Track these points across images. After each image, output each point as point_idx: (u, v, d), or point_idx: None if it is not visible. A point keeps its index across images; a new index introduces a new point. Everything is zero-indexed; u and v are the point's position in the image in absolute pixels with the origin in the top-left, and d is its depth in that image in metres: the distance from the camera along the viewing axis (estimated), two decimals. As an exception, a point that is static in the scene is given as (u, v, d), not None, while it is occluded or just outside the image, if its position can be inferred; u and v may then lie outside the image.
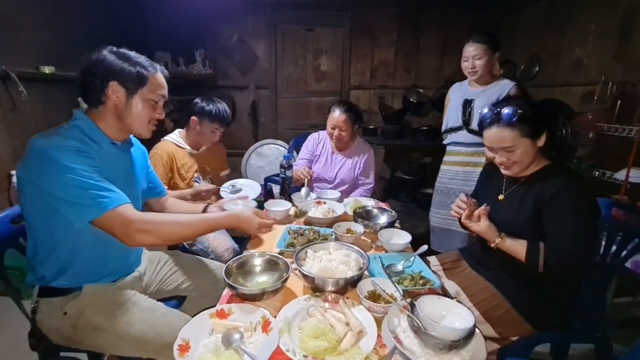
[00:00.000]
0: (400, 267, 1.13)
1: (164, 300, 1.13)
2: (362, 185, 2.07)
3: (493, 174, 1.29)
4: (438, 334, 0.74)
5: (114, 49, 0.98)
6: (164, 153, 1.65)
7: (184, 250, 1.57)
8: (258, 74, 3.70)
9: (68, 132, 0.91)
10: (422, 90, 3.54)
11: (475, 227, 1.11)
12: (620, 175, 1.91)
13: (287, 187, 1.82)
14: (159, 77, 1.02)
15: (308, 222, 1.51)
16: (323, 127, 2.02)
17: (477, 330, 0.78)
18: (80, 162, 0.86)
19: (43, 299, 0.98)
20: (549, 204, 1.03)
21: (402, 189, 3.41)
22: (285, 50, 3.70)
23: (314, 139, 2.12)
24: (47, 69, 2.05)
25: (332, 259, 1.06)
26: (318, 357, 0.74)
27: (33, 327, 0.99)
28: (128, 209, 0.90)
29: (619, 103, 2.04)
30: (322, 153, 2.10)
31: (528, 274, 1.08)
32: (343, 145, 2.04)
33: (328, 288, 0.95)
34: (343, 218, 1.49)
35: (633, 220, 1.29)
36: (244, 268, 1.06)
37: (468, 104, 1.83)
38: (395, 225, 1.45)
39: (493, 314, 1.10)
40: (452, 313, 0.82)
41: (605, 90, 2.18)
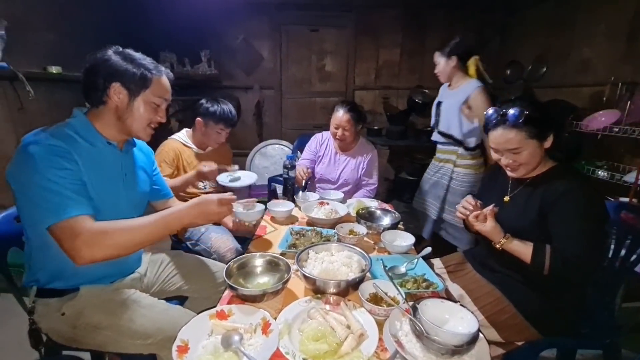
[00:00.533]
0: (403, 269, 1.12)
1: (166, 300, 1.13)
2: (365, 186, 2.05)
3: (497, 176, 1.27)
4: (441, 339, 0.72)
5: (120, 50, 0.96)
6: (171, 150, 1.66)
7: (187, 251, 1.57)
8: (263, 75, 3.72)
9: (58, 130, 0.89)
10: (427, 91, 3.51)
11: (481, 227, 1.09)
12: (630, 178, 1.88)
13: (290, 187, 1.81)
14: (164, 80, 1.00)
15: (311, 223, 1.50)
16: (327, 127, 2.02)
17: (480, 335, 0.76)
18: (56, 164, 0.82)
19: (40, 300, 0.98)
20: (555, 206, 1.01)
21: (406, 190, 3.37)
22: (290, 51, 3.71)
23: (317, 140, 2.12)
24: (54, 69, 2.08)
25: (334, 261, 1.05)
26: (318, 360, 0.73)
27: (32, 327, 0.99)
28: (82, 220, 0.81)
29: (629, 104, 2.00)
30: (325, 154, 2.09)
31: (533, 277, 1.06)
32: (346, 146, 2.03)
33: (329, 290, 0.94)
34: (346, 219, 1.48)
35: (643, 224, 1.26)
36: (245, 269, 1.05)
37: (438, 106, 1.95)
38: (399, 227, 1.44)
39: (498, 318, 1.08)
40: (455, 317, 0.81)
41: (615, 91, 2.15)
